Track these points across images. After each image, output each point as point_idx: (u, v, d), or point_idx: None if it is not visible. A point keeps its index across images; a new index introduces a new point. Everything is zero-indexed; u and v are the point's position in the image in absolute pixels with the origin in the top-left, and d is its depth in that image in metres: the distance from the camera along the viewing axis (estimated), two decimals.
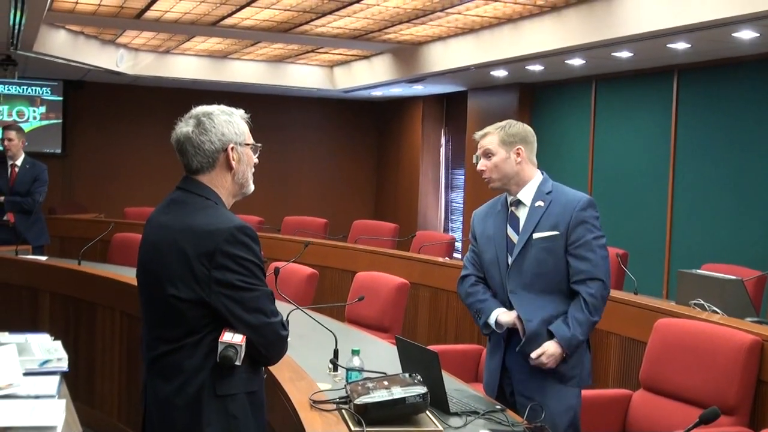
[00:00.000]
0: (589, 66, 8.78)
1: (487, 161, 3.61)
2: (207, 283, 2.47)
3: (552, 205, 3.55)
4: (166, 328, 2.55)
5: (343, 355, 3.62)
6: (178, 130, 2.65)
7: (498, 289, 3.63)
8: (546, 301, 3.51)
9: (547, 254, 3.50)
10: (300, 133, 14.40)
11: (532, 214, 3.57)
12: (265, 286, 2.55)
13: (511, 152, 3.58)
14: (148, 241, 2.65)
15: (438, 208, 13.30)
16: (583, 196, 3.56)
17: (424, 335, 7.26)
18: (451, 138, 13.14)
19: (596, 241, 3.49)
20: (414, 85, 11.52)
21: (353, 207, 14.43)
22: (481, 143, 3.65)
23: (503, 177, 3.60)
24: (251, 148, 2.71)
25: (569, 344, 3.45)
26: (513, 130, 3.62)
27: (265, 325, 2.54)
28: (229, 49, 11.32)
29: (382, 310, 5.64)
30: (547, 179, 3.65)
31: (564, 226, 3.50)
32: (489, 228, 3.69)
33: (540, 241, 3.52)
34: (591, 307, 3.45)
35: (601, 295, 3.48)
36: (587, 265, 3.46)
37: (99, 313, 5.95)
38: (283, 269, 5.15)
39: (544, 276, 3.51)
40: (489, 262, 3.66)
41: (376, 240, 8.89)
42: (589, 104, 9.66)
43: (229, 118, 2.65)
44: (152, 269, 2.59)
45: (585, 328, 3.46)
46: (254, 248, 2.53)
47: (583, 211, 3.50)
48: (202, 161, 2.62)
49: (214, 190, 2.63)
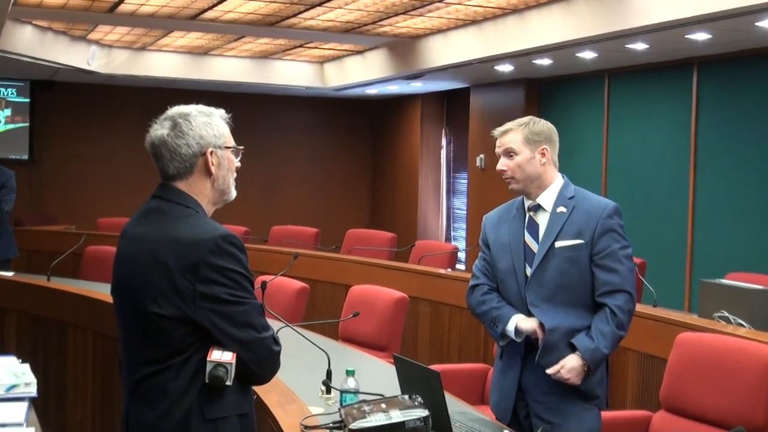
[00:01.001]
0: (602, 59, 8.80)
1: (509, 161, 3.61)
2: (191, 298, 2.48)
3: (575, 211, 3.56)
4: (149, 348, 2.54)
5: (337, 376, 3.62)
6: (152, 134, 2.65)
7: (515, 302, 3.61)
8: (569, 315, 3.51)
9: (571, 264, 3.51)
10: (288, 136, 14.41)
11: (553, 220, 3.57)
12: (254, 299, 2.55)
13: (536, 152, 3.59)
14: (125, 255, 2.65)
15: (439, 215, 13.30)
16: (609, 203, 3.57)
17: (424, 354, 7.26)
18: (453, 139, 13.16)
19: (623, 252, 3.51)
20: (412, 82, 11.53)
21: (346, 215, 14.43)
22: (502, 141, 3.64)
23: (526, 178, 3.60)
24: (232, 151, 2.71)
25: (593, 357, 3.44)
26: (538, 128, 3.63)
27: (257, 341, 2.54)
28: (210, 45, 11.33)
29: (378, 327, 5.64)
30: (569, 183, 3.66)
31: (589, 234, 3.51)
32: (503, 234, 3.68)
33: (563, 250, 3.52)
34: (618, 320, 3.46)
35: (629, 309, 3.49)
36: (614, 276, 3.48)
37: (70, 334, 5.94)
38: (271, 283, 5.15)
39: (567, 288, 3.51)
40: (505, 271, 3.65)
41: (372, 251, 8.89)
42: (602, 101, 9.68)
43: (207, 120, 2.65)
44: (130, 285, 2.59)
45: (610, 342, 3.46)
46: (241, 258, 2.54)
47: (609, 218, 3.51)
48: (179, 167, 2.62)
49: (194, 197, 2.63)
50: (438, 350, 7.17)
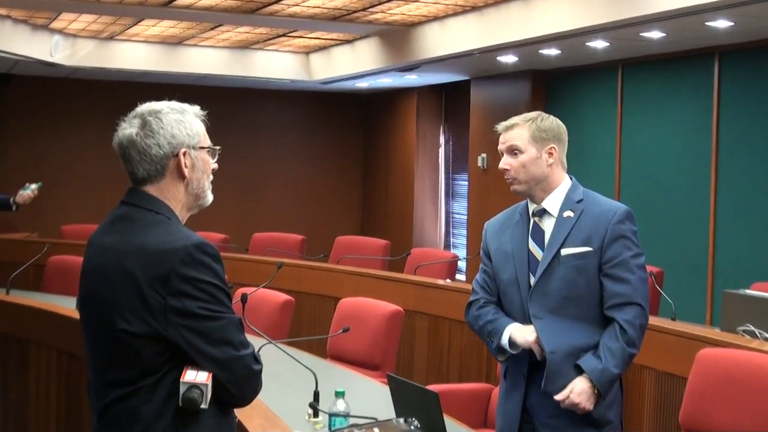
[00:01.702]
0: (615, 49, 8.82)
1: (513, 159, 3.62)
2: (162, 313, 2.48)
3: (583, 216, 3.57)
4: (118, 369, 2.55)
5: (325, 398, 3.63)
6: (120, 133, 2.66)
7: (518, 315, 3.62)
8: (576, 330, 3.51)
9: (578, 274, 3.52)
10: (270, 134, 14.41)
11: (560, 226, 3.59)
12: (231, 313, 2.56)
13: (543, 151, 3.61)
14: (91, 266, 2.65)
15: (437, 220, 13.31)
16: (620, 207, 3.59)
17: (421, 373, 7.26)
18: (452, 137, 13.17)
19: (635, 260, 3.52)
20: (406, 75, 11.54)
21: (335, 221, 14.43)
22: (506, 137, 3.66)
23: (530, 179, 3.62)
24: (208, 151, 2.71)
25: (601, 379, 3.44)
26: (546, 125, 3.64)
27: (235, 359, 2.54)
28: (184, 34, 11.34)
29: (371, 344, 5.64)
30: (577, 185, 3.67)
31: (598, 241, 3.52)
32: (506, 242, 3.70)
33: (570, 258, 3.53)
34: (628, 337, 3.46)
35: (640, 324, 3.50)
36: (624, 287, 3.49)
37: (32, 352, 5.93)
38: (252, 296, 5.15)
39: (574, 300, 3.52)
40: (507, 282, 3.66)
41: (363, 260, 8.89)
42: (615, 95, 9.70)
43: (180, 117, 2.66)
44: (97, 299, 2.59)
45: (620, 360, 3.46)
46: (216, 269, 2.54)
47: (620, 224, 3.53)
48: (149, 169, 2.63)
49: (165, 202, 2.64)
50: (436, 369, 7.18)
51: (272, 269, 5.83)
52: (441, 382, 6.62)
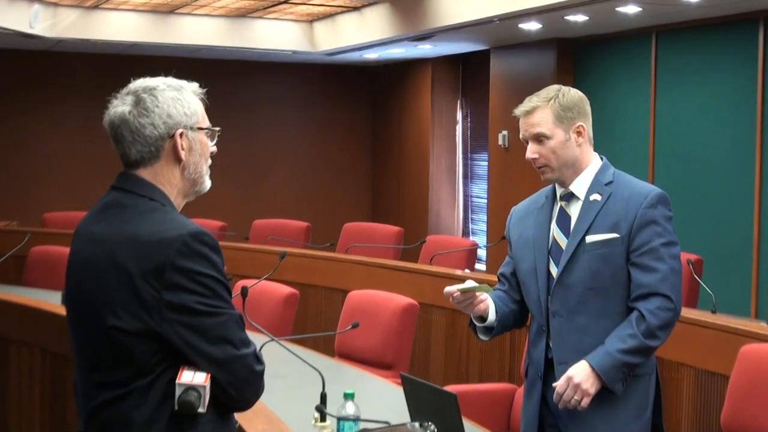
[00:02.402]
0: (648, 14, 8.80)
1: (540, 147, 3.59)
2: (157, 308, 2.49)
3: (611, 199, 3.56)
4: (108, 369, 2.56)
5: (333, 400, 3.64)
6: (111, 111, 2.67)
7: (535, 311, 3.64)
8: (600, 332, 3.48)
9: (603, 263, 3.51)
10: (271, 111, 14.40)
11: (585, 210, 3.58)
12: (231, 309, 2.57)
13: (571, 131, 3.59)
14: (79, 258, 2.67)
15: (455, 204, 13.32)
16: (653, 189, 3.57)
17: (438, 372, 7.28)
18: (470, 112, 13.16)
19: (666, 249, 3.50)
20: (420, 45, 11.52)
21: (343, 206, 14.44)
22: (528, 122, 3.62)
23: (563, 165, 3.61)
24: (206, 133, 2.73)
25: (602, 362, 3.41)
26: (569, 101, 3.61)
27: (235, 359, 2.55)
28: (176, 2, 11.33)
29: (383, 341, 5.66)
30: (607, 166, 3.66)
31: (626, 227, 3.50)
32: (528, 229, 3.71)
33: (595, 245, 3.53)
34: (647, 325, 3.42)
35: (665, 317, 3.45)
36: (652, 277, 3.47)
37: (13, 351, 5.96)
38: (253, 289, 5.17)
39: (599, 292, 3.51)
40: (525, 272, 3.68)
41: (374, 248, 8.90)
42: (648, 65, 9.67)
43: (177, 95, 2.67)
44: (85, 294, 2.61)
45: (629, 347, 3.41)
46: (215, 260, 2.55)
47: (651, 208, 3.51)
48: (143, 150, 2.64)
49: (160, 188, 2.66)
50: (455, 368, 7.19)
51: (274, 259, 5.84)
52: (460, 383, 6.63)
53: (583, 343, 3.49)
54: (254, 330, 3.95)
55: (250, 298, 4.74)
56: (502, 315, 3.66)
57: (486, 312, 3.61)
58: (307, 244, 9.71)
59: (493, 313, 3.63)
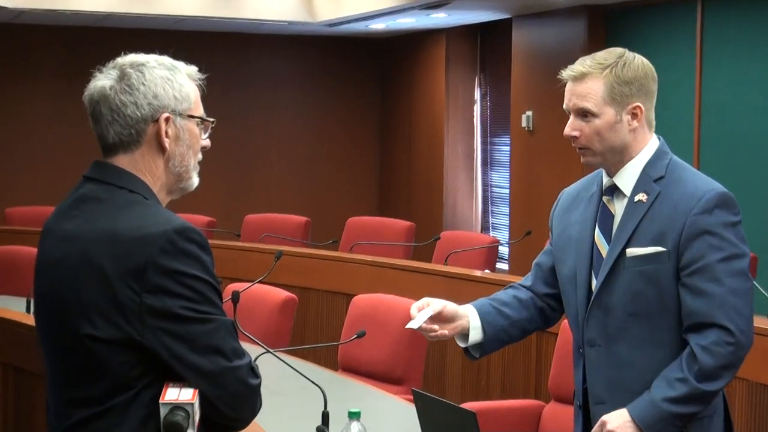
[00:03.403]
0: None
1: (583, 123, 3.35)
2: (137, 314, 2.50)
3: (659, 200, 3.31)
4: (83, 384, 2.56)
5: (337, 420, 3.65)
6: (92, 85, 2.68)
7: (573, 328, 3.48)
8: (645, 364, 3.29)
9: (647, 283, 3.27)
10: (265, 90, 14.41)
11: (629, 213, 3.35)
12: (222, 315, 2.57)
13: (624, 112, 3.33)
14: (49, 260, 2.67)
15: (473, 196, 13.32)
16: (711, 189, 3.29)
17: (455, 387, 7.29)
18: (490, 90, 13.16)
19: (725, 265, 3.22)
20: (433, 13, 11.52)
21: (347, 198, 14.46)
22: (575, 90, 3.38)
23: (607, 150, 3.36)
24: (198, 123, 2.73)
25: (645, 414, 3.19)
26: (629, 74, 3.34)
27: (226, 371, 2.55)
28: None
29: (392, 352, 5.67)
30: (663, 154, 3.40)
31: (673, 238, 3.26)
32: (573, 224, 3.50)
33: (636, 261, 3.29)
34: (700, 366, 3.18)
35: (724, 353, 3.19)
36: (704, 303, 3.21)
37: None
38: (246, 293, 5.18)
39: (643, 319, 3.28)
40: (566, 279, 3.50)
41: (382, 246, 8.91)
42: (693, 36, 9.66)
43: (168, 75, 2.68)
44: (57, 300, 2.61)
45: (679, 394, 3.19)
46: (203, 259, 2.56)
47: (705, 214, 3.24)
48: (121, 132, 2.64)
49: (141, 178, 2.66)
50: (474, 382, 7.20)
51: (269, 260, 5.85)
52: (479, 399, 6.64)
53: (625, 378, 3.31)
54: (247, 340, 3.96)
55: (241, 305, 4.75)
56: (498, 329, 3.53)
57: (465, 329, 3.49)
58: (306, 242, 9.73)
59: (478, 331, 3.49)
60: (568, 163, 9.60)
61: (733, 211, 3.28)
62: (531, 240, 8.68)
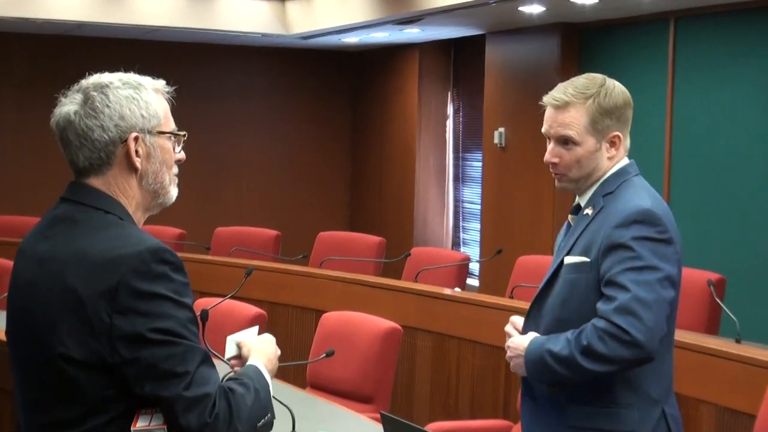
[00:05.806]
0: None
1: (564, 151, 3.47)
2: (107, 335, 2.49)
3: (600, 214, 3.47)
4: (55, 408, 2.56)
5: None
6: (57, 111, 2.68)
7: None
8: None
9: (572, 291, 3.45)
10: (236, 102, 14.39)
11: (576, 226, 3.57)
12: (193, 339, 2.55)
13: (605, 141, 3.47)
14: (22, 280, 2.67)
15: (444, 211, 13.33)
16: (635, 205, 3.40)
17: (424, 405, 7.28)
18: (463, 105, 13.18)
19: (633, 275, 3.31)
20: (406, 28, 11.54)
21: (318, 212, 14.44)
22: (556, 118, 3.49)
23: (583, 176, 3.52)
24: (169, 137, 2.73)
25: (530, 352, 3.42)
26: (611, 103, 3.46)
27: (179, 401, 2.51)
28: None
29: (361, 370, 5.66)
30: (622, 173, 3.53)
31: (596, 250, 3.41)
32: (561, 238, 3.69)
33: (568, 269, 3.49)
34: (588, 343, 3.30)
35: (613, 346, 3.28)
36: (608, 305, 3.32)
37: None
38: (215, 310, 5.16)
39: (567, 325, 3.41)
40: None
41: (352, 262, 8.90)
42: (665, 54, 9.70)
43: (133, 94, 2.67)
44: (29, 321, 2.61)
45: (559, 352, 3.35)
46: (176, 280, 2.55)
47: (622, 228, 3.35)
48: (90, 157, 2.65)
49: (117, 199, 2.67)
50: (442, 401, 7.19)
51: (239, 274, 5.84)
52: (448, 418, 6.64)
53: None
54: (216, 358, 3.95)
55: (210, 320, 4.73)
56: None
57: None
58: (276, 256, 9.72)
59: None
60: (540, 181, 9.62)
61: (654, 228, 3.36)
62: (502, 257, 8.70)
